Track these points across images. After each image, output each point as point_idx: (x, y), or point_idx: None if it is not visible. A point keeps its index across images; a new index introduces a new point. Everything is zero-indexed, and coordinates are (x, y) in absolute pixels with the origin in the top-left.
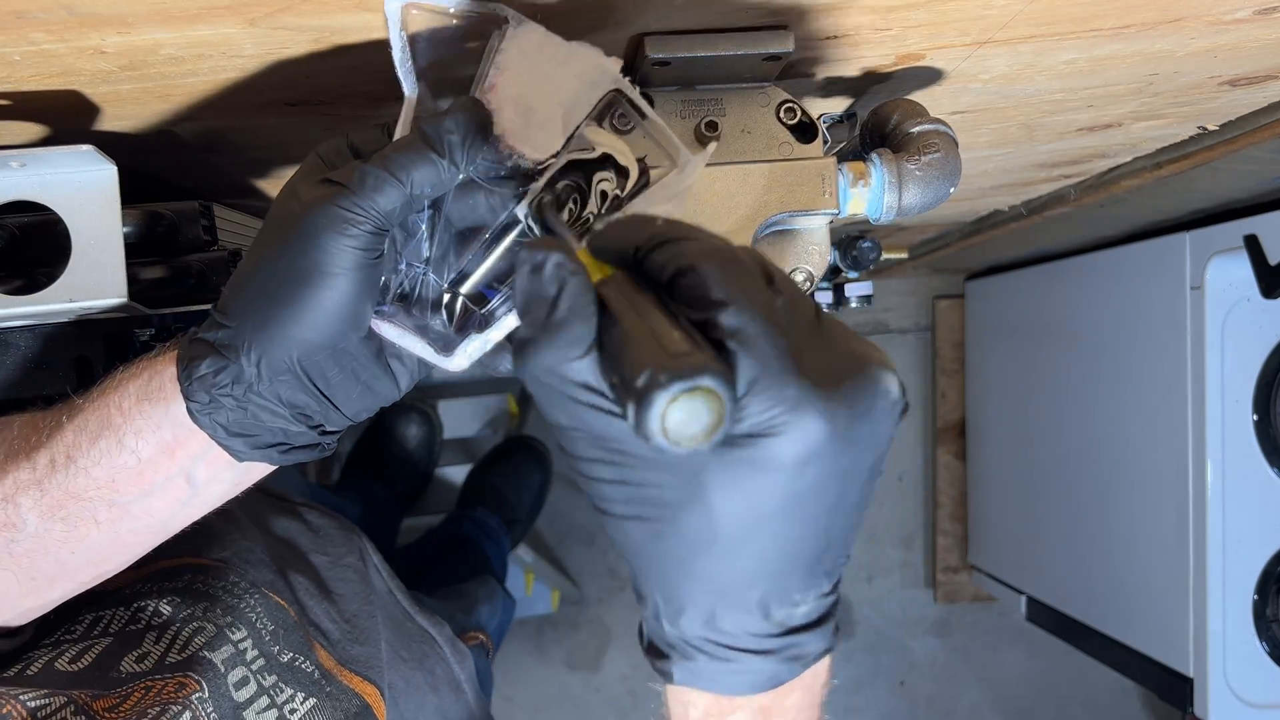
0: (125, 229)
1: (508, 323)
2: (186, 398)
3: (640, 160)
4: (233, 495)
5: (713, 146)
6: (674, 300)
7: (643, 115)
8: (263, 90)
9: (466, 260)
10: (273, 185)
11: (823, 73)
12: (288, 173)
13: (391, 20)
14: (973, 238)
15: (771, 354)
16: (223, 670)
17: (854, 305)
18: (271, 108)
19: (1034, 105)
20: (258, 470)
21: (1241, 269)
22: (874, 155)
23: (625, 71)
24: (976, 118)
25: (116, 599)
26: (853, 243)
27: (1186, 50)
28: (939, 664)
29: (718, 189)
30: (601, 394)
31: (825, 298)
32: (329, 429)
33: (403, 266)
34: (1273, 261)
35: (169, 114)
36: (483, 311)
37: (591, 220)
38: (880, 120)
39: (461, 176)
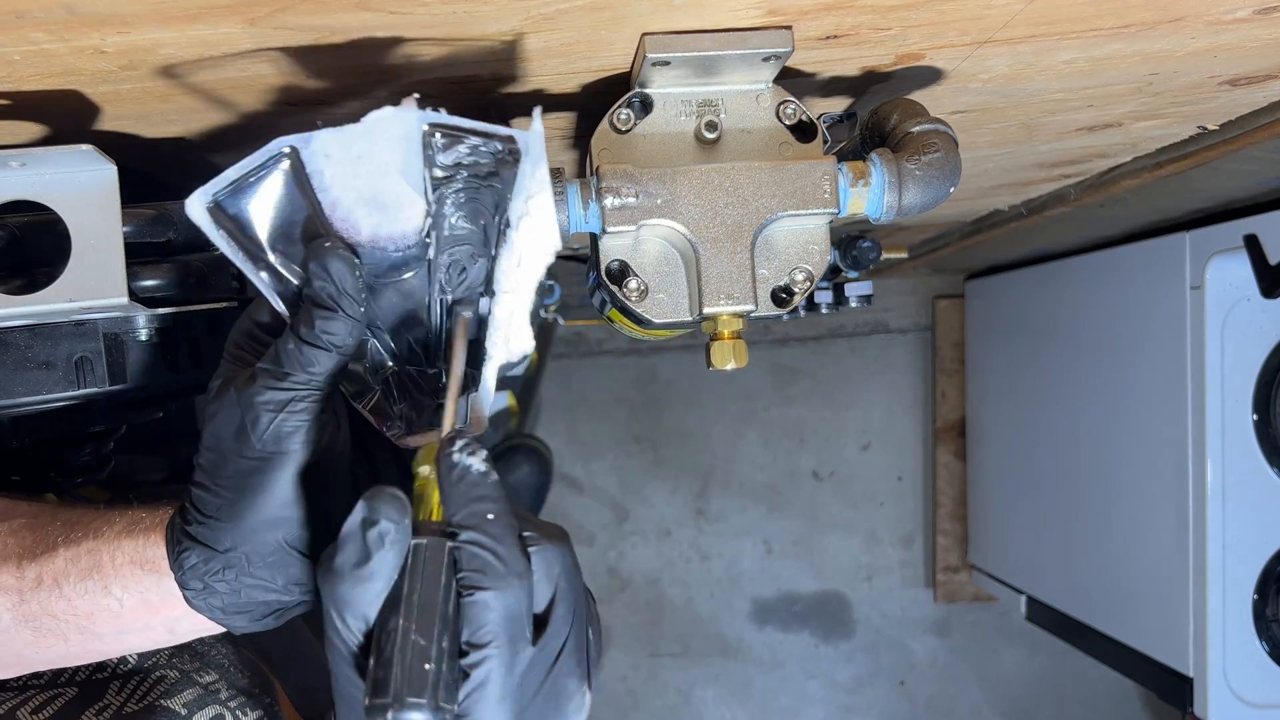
0: (125, 229)
1: (491, 373)
2: (181, 585)
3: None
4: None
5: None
6: (460, 594)
7: (465, 130)
8: (263, 90)
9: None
10: None
11: (823, 73)
12: None
13: (203, 225)
14: (973, 238)
15: (493, 709)
16: (184, 714)
17: (854, 305)
18: (271, 107)
19: (1034, 105)
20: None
21: (1241, 269)
22: (874, 155)
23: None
24: (976, 118)
25: None
26: (853, 242)
27: (1186, 50)
28: (939, 664)
29: (718, 189)
30: (357, 654)
31: (825, 297)
32: None
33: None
34: (1273, 261)
35: (169, 114)
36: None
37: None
38: (880, 120)
39: (362, 308)
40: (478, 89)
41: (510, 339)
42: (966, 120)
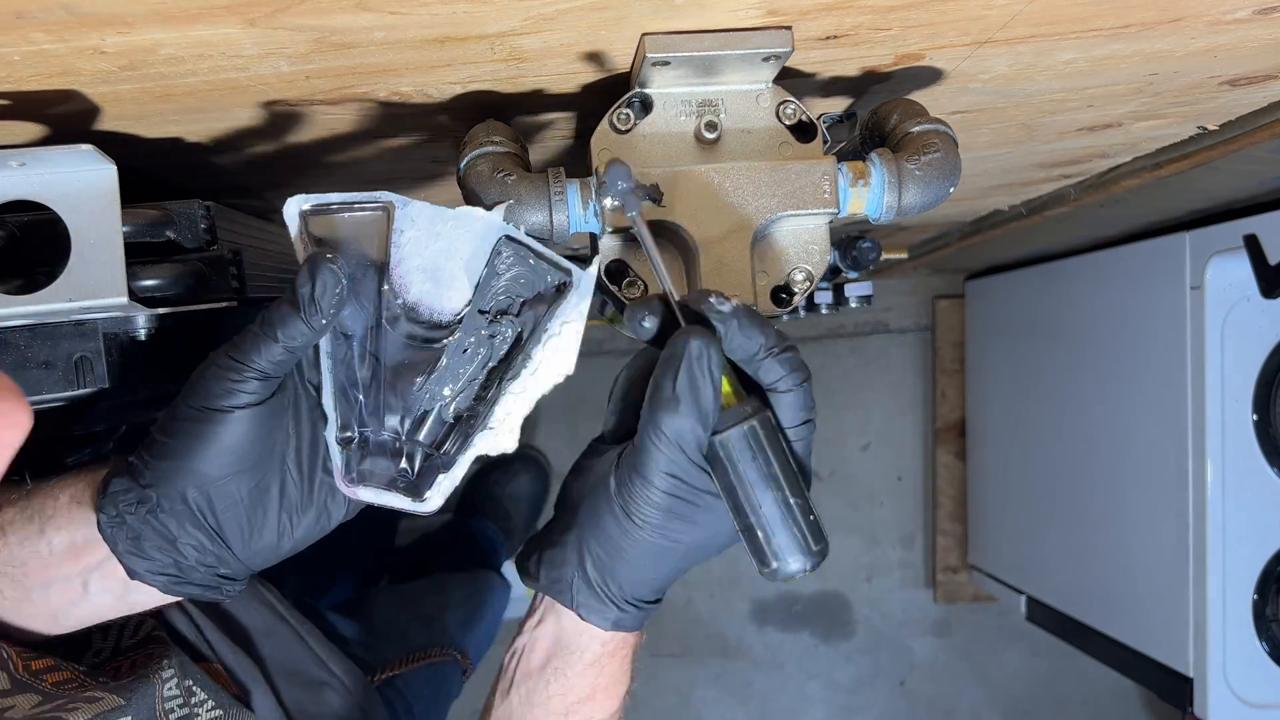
0: (125, 229)
1: (466, 460)
2: (98, 510)
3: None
4: (116, 614)
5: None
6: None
7: (532, 250)
8: (263, 90)
9: (411, 401)
10: (273, 184)
11: (823, 73)
12: (288, 171)
13: (290, 221)
14: (973, 238)
15: (795, 401)
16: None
17: (854, 305)
18: (271, 108)
19: (1034, 105)
20: (143, 597)
21: (1241, 269)
22: (874, 155)
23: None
24: (976, 118)
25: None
26: (853, 243)
27: (1186, 50)
28: (939, 664)
29: (718, 189)
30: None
31: (825, 298)
32: (223, 572)
33: (352, 422)
34: (1273, 261)
35: (169, 114)
36: (441, 453)
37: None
38: (880, 120)
39: (325, 322)
40: (477, 89)
41: (499, 436)
42: (966, 120)
